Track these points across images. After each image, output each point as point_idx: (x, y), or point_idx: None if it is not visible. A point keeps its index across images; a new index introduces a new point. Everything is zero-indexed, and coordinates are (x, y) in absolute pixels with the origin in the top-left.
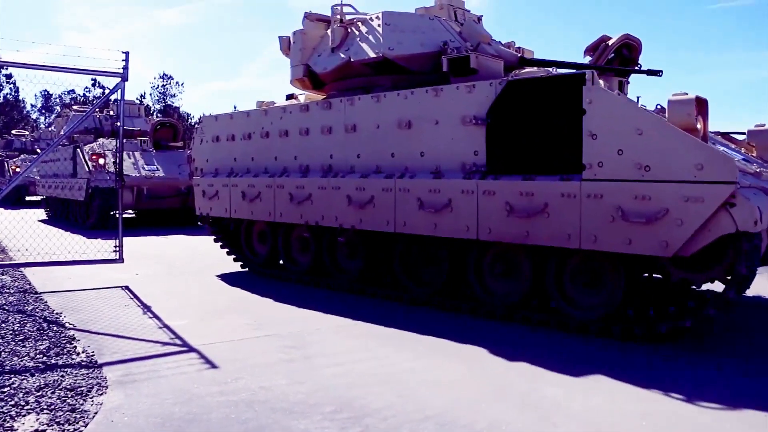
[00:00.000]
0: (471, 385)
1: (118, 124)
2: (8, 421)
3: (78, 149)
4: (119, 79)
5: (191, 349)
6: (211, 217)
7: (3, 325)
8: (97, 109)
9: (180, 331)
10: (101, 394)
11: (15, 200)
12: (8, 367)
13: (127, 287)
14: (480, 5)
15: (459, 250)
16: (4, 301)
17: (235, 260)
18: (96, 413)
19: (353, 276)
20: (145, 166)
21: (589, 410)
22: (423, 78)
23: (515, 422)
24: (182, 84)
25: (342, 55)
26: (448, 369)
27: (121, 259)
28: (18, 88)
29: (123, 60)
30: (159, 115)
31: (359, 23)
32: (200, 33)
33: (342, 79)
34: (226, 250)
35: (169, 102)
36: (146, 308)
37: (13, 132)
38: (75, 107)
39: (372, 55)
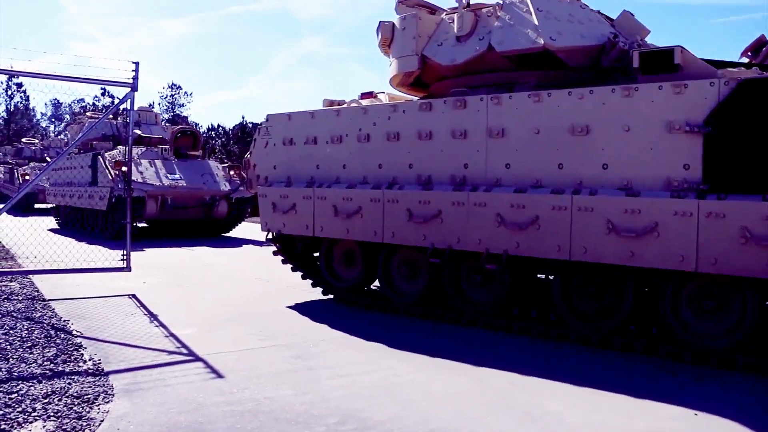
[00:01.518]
0: (474, 398)
1: (138, 132)
2: (15, 428)
3: (99, 157)
4: (129, 89)
5: (197, 359)
6: (278, 235)
7: (11, 331)
8: (111, 116)
9: (187, 340)
10: (107, 402)
11: (24, 208)
12: (16, 374)
13: (134, 296)
14: None
15: (648, 281)
16: (12, 308)
17: (314, 286)
18: (102, 421)
19: (486, 309)
20: (168, 176)
21: (592, 425)
22: (578, 75)
23: None
24: (191, 94)
25: (477, 47)
26: (452, 381)
27: (128, 268)
28: (28, 96)
29: (133, 70)
30: (167, 124)
31: (496, 8)
32: (206, 43)
33: (469, 74)
34: (305, 276)
35: (177, 112)
36: (153, 317)
37: (23, 140)
38: (88, 114)
39: (526, 45)
